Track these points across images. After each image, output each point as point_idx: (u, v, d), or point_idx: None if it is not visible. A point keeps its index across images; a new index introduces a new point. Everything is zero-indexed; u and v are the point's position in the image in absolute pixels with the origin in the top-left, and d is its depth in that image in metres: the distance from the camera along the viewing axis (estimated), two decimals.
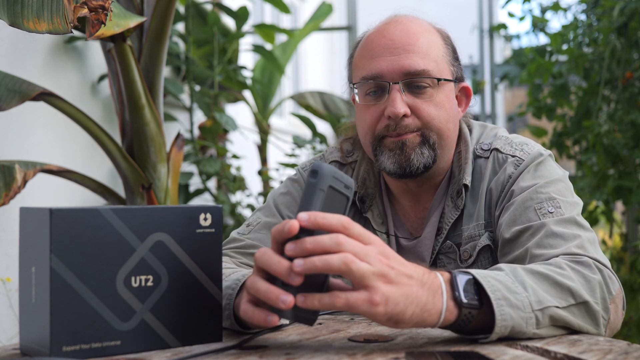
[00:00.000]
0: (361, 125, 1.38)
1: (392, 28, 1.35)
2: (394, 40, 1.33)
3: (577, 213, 1.25)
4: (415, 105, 1.32)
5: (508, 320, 0.98)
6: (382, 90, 1.34)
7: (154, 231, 0.99)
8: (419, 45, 1.33)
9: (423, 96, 1.33)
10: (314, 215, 0.90)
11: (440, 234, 1.37)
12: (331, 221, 0.90)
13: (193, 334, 1.03)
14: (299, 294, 0.90)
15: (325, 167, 0.92)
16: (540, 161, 1.33)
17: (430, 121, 1.33)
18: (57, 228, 0.92)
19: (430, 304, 0.94)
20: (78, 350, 0.93)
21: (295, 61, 7.21)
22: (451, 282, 0.98)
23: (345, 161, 1.49)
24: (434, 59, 1.34)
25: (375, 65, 1.33)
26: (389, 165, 1.34)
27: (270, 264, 0.91)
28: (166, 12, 2.25)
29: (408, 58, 1.32)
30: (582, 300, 1.05)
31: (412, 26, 1.35)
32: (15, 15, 1.53)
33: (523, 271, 1.05)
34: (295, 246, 0.89)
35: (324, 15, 4.06)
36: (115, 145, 2.26)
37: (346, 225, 0.91)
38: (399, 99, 1.31)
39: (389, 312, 0.91)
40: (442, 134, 1.34)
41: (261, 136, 3.87)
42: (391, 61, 1.32)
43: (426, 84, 1.33)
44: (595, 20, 3.46)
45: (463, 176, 1.37)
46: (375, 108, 1.34)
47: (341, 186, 0.94)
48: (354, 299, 0.90)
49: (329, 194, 0.93)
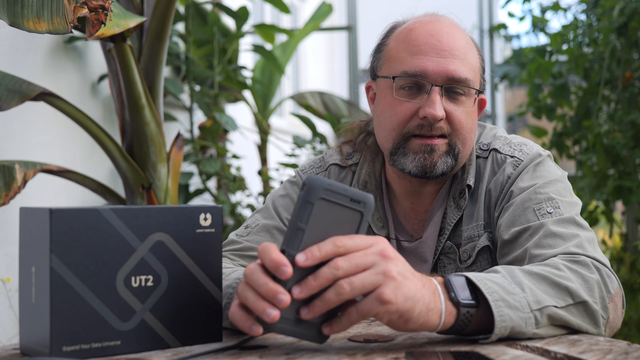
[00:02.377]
0: (388, 118, 1.35)
1: (438, 28, 1.34)
2: (442, 42, 1.32)
3: (575, 213, 1.25)
4: (450, 111, 1.32)
5: (507, 321, 0.98)
6: (419, 89, 1.32)
7: (154, 231, 0.99)
8: (464, 52, 1.33)
9: (458, 103, 1.33)
10: (311, 253, 0.90)
11: (442, 234, 1.37)
12: (325, 249, 0.90)
13: (193, 334, 1.03)
14: (325, 323, 0.91)
15: (315, 179, 0.91)
16: (539, 162, 1.33)
17: (460, 129, 1.32)
18: (57, 228, 0.92)
19: (432, 303, 0.95)
20: (78, 350, 0.93)
21: (295, 61, 7.21)
22: (446, 285, 0.99)
23: (345, 164, 1.47)
24: (474, 69, 1.34)
25: (421, 62, 1.31)
26: (411, 166, 1.32)
27: (259, 285, 0.91)
28: (166, 12, 2.25)
29: (454, 64, 1.31)
30: (580, 300, 1.05)
31: (457, 32, 1.35)
32: (15, 15, 1.53)
33: (520, 272, 1.05)
34: (302, 289, 0.90)
35: (324, 15, 4.05)
36: (115, 145, 2.26)
37: (338, 244, 0.91)
38: (438, 101, 1.30)
39: (400, 308, 0.91)
40: (466, 143, 1.35)
41: (261, 136, 3.87)
42: (438, 63, 1.30)
43: (463, 92, 1.32)
44: (595, 20, 3.46)
45: (467, 177, 1.37)
46: (410, 105, 1.32)
47: (343, 200, 0.92)
48: (364, 306, 0.91)
49: (323, 209, 0.91)
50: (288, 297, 0.89)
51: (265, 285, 0.90)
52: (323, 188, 0.91)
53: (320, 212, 0.91)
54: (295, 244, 0.91)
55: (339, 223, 0.92)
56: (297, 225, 0.91)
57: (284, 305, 0.89)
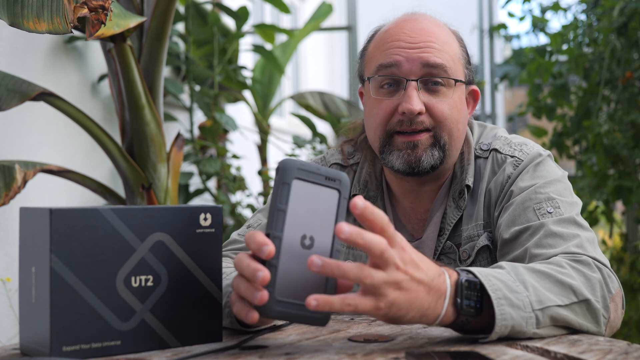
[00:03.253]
0: (372, 119, 1.36)
1: (411, 25, 1.35)
2: (414, 36, 1.33)
3: (576, 213, 1.25)
4: (430, 104, 1.32)
5: (508, 320, 0.98)
6: (397, 85, 1.33)
7: (154, 231, 0.99)
8: (439, 43, 1.33)
9: (438, 95, 1.33)
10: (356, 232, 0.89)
11: (442, 235, 1.37)
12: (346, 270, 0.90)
13: (193, 334, 1.03)
14: (312, 296, 0.90)
15: (289, 161, 0.93)
16: (539, 161, 1.33)
17: (443, 121, 1.32)
18: (57, 228, 0.92)
19: (430, 309, 0.96)
20: (78, 350, 0.93)
21: (295, 61, 7.21)
22: (456, 287, 0.98)
23: (347, 163, 1.48)
24: (451, 59, 1.34)
25: (394, 57, 1.32)
26: (397, 164, 1.33)
27: (244, 268, 0.92)
28: (166, 12, 2.25)
29: (427, 54, 1.31)
30: (583, 298, 1.06)
31: (431, 25, 1.35)
32: (15, 15, 1.53)
33: (524, 270, 1.05)
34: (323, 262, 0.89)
35: (324, 15, 4.05)
36: (115, 145, 2.26)
37: (361, 275, 0.91)
38: (415, 96, 1.30)
39: (390, 315, 0.94)
40: (453, 134, 1.34)
41: (261, 136, 3.87)
42: (411, 55, 1.31)
43: (442, 83, 1.32)
44: (595, 20, 3.45)
45: (466, 177, 1.37)
46: (389, 103, 1.33)
47: (319, 179, 0.94)
48: (362, 307, 0.91)
49: (298, 187, 0.92)
50: (266, 273, 0.90)
51: (248, 266, 0.91)
52: (297, 168, 0.92)
53: (298, 192, 0.93)
54: (278, 225, 0.92)
55: (318, 201, 0.94)
56: (277, 207, 0.92)
57: (263, 281, 0.90)
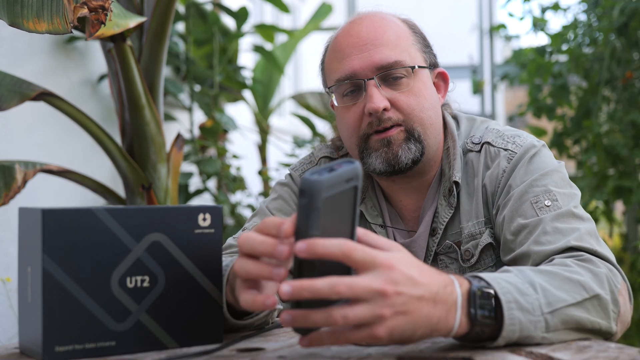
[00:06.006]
0: (344, 127, 1.36)
1: (357, 26, 1.35)
2: (361, 37, 1.32)
3: (574, 205, 1.22)
4: (394, 98, 1.31)
5: (516, 325, 0.94)
6: (358, 89, 1.33)
7: (150, 231, 0.99)
8: (387, 37, 1.32)
9: (400, 87, 1.32)
10: (313, 245, 0.83)
11: (435, 234, 1.35)
12: (331, 249, 0.83)
13: (192, 336, 1.02)
14: (304, 337, 0.87)
15: (315, 182, 0.83)
16: (533, 153, 1.30)
17: (411, 112, 1.31)
18: (49, 228, 0.92)
19: (442, 322, 0.90)
20: (71, 350, 0.93)
21: (295, 61, 7.20)
22: (469, 296, 0.93)
23: (337, 154, 1.47)
24: (405, 49, 1.33)
25: (347, 65, 1.32)
26: (377, 165, 1.32)
27: (257, 245, 0.86)
28: (166, 12, 2.25)
29: (378, 52, 1.31)
30: (594, 294, 1.02)
31: (377, 21, 1.35)
32: (15, 15, 1.53)
33: (531, 271, 1.02)
34: (292, 290, 0.82)
35: (324, 15, 4.06)
36: (115, 145, 2.27)
37: (347, 253, 0.84)
38: (376, 94, 1.30)
39: (394, 340, 0.88)
40: (425, 123, 1.33)
41: (261, 136, 3.88)
42: (362, 58, 1.31)
43: (401, 75, 1.31)
44: (595, 20, 3.45)
45: (452, 173, 1.35)
46: (355, 108, 1.33)
47: (341, 185, 0.86)
48: (355, 338, 0.86)
49: (327, 206, 0.84)
50: (287, 247, 0.84)
51: (263, 242, 0.86)
52: (324, 188, 0.83)
53: (326, 209, 0.85)
54: None
55: (342, 205, 0.88)
56: (310, 235, 0.84)
57: (285, 257, 0.84)
